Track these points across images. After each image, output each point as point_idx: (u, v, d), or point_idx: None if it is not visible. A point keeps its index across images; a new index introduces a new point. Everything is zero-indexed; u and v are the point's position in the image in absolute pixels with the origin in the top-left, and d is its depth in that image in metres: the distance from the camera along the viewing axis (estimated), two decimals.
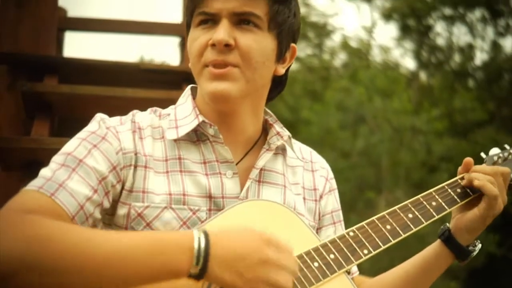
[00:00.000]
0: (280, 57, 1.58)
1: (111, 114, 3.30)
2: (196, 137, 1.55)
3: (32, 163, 2.95)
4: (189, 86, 1.64)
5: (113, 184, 1.44)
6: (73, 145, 1.45)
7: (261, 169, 1.57)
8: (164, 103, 3.31)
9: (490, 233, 11.89)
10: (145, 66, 3.61)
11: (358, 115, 14.23)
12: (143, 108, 3.26)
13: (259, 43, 1.50)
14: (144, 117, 1.56)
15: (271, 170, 1.59)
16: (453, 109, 14.97)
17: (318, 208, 1.67)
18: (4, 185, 3.20)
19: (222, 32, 1.46)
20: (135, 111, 1.59)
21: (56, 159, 1.43)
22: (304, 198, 1.64)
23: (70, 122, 3.61)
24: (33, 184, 1.37)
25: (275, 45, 1.54)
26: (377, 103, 14.29)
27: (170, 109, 1.61)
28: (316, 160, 1.73)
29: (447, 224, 1.69)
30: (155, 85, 3.54)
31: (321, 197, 1.68)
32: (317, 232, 1.67)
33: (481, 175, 1.66)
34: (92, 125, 1.50)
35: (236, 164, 1.55)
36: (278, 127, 1.61)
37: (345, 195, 13.29)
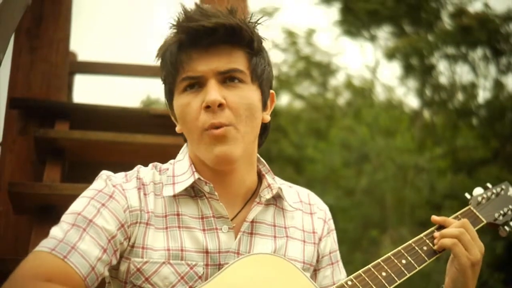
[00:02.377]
0: (264, 105, 1.62)
1: (121, 159, 3.38)
2: (194, 192, 1.58)
3: (44, 208, 3.00)
4: (186, 143, 1.67)
5: (121, 241, 1.48)
6: (82, 205, 1.48)
7: (252, 221, 1.60)
8: (173, 149, 3.38)
9: (495, 272, 11.83)
10: (154, 112, 3.66)
11: (362, 153, 14.25)
12: (152, 153, 3.35)
13: (246, 98, 1.54)
14: (147, 173, 1.60)
15: (261, 222, 1.62)
16: (456, 147, 14.98)
17: (317, 250, 1.70)
18: (16, 228, 3.25)
19: (214, 93, 1.49)
20: (139, 166, 1.62)
21: (66, 218, 1.46)
22: (303, 241, 1.67)
23: (80, 167, 3.68)
24: (45, 246, 1.40)
25: (259, 95, 1.58)
26: (380, 142, 14.31)
27: (169, 164, 1.65)
28: (314, 202, 1.76)
29: (443, 285, 1.72)
30: (164, 129, 3.60)
31: (320, 239, 1.71)
32: (315, 273, 1.71)
33: (444, 233, 1.70)
34: (99, 183, 1.54)
35: (233, 218, 1.59)
36: (269, 178, 1.64)
37: (349, 233, 13.26)
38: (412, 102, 18.29)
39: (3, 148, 3.42)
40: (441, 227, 1.75)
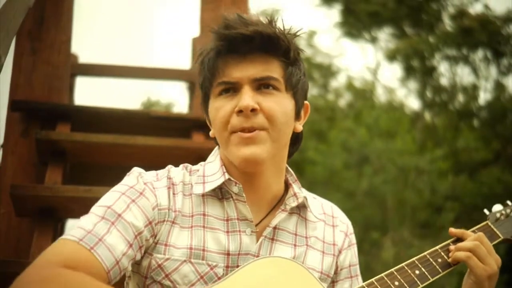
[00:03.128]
0: (297, 115, 1.66)
1: (122, 161, 3.39)
2: (221, 194, 1.61)
3: (45, 210, 3.00)
4: (217, 146, 1.69)
5: (147, 238, 1.51)
6: (112, 199, 1.51)
7: (274, 227, 1.62)
8: (174, 151, 3.41)
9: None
10: (155, 114, 3.67)
11: (363, 155, 14.25)
12: (153, 155, 3.35)
13: (280, 104, 1.57)
14: (178, 173, 1.63)
15: (284, 229, 1.64)
16: (457, 148, 14.99)
17: (336, 262, 1.72)
18: (18, 230, 3.25)
19: (247, 98, 1.53)
20: (170, 166, 1.65)
21: (96, 210, 1.48)
22: (322, 252, 1.69)
23: (82, 169, 3.69)
24: (74, 235, 1.41)
25: (293, 104, 1.62)
26: (381, 144, 14.32)
27: (200, 165, 1.68)
28: (337, 215, 1.79)
29: None
30: (165, 132, 3.61)
31: (340, 252, 1.73)
32: (332, 285, 1.73)
33: (459, 246, 1.73)
34: (131, 179, 1.57)
35: (258, 223, 1.61)
36: (296, 187, 1.67)
37: None
38: (413, 103, 18.31)
39: (5, 150, 3.43)
40: (457, 240, 1.76)
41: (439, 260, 1.71)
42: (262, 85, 1.57)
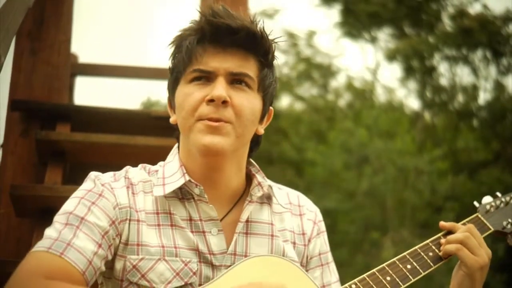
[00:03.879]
0: (262, 117, 1.66)
1: (122, 161, 3.37)
2: (181, 194, 1.60)
3: (45, 210, 3.00)
4: (176, 144, 1.69)
5: (114, 237, 1.51)
6: (72, 204, 1.51)
7: (246, 221, 1.62)
8: None
9: (497, 273, 11.83)
10: (155, 114, 3.67)
11: (362, 155, 14.26)
12: (153, 156, 3.34)
13: (250, 102, 1.58)
14: (136, 173, 1.63)
15: (257, 221, 1.64)
16: (457, 149, 14.99)
17: (307, 251, 1.72)
18: (17, 231, 3.26)
19: (221, 89, 1.53)
20: (128, 167, 1.65)
21: (59, 219, 1.49)
22: (294, 243, 1.69)
23: (81, 169, 3.68)
24: (41, 245, 1.43)
25: (261, 105, 1.63)
26: (380, 144, 14.32)
27: (159, 166, 1.67)
28: (303, 204, 1.78)
29: None
30: (165, 132, 3.60)
31: (309, 240, 1.73)
32: None
33: (449, 239, 1.73)
34: (88, 184, 1.57)
35: (222, 219, 1.61)
36: (260, 177, 1.67)
37: (350, 235, 13.26)
38: (413, 103, 18.30)
39: (5, 151, 3.43)
40: (448, 233, 1.76)
41: (430, 254, 1.71)
42: (236, 80, 1.57)
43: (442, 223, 1.78)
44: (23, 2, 2.39)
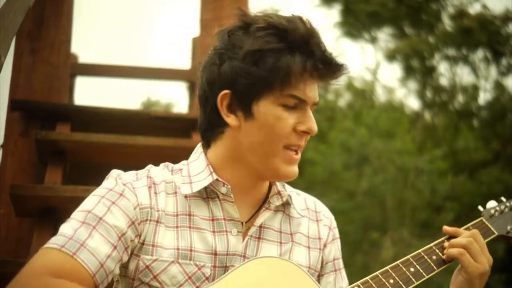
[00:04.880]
0: None
1: (122, 161, 3.39)
2: (206, 194, 1.59)
3: (45, 210, 3.01)
4: (200, 144, 1.67)
5: (132, 238, 1.50)
6: (92, 203, 1.50)
7: (260, 226, 1.62)
8: (174, 151, 3.42)
9: (496, 273, 11.84)
10: (155, 114, 3.67)
11: (362, 155, 14.26)
12: (153, 155, 3.36)
13: None
14: (158, 172, 1.61)
15: (269, 227, 1.64)
16: (457, 148, 15.00)
17: (322, 256, 1.72)
18: (18, 230, 3.26)
19: (315, 123, 1.57)
20: (150, 166, 1.64)
21: (77, 216, 1.48)
22: (308, 247, 1.69)
23: (82, 169, 3.69)
24: (55, 242, 1.41)
25: None
26: (380, 144, 14.33)
27: (182, 164, 1.66)
28: (320, 210, 1.78)
29: None
30: (165, 132, 3.61)
31: (325, 246, 1.74)
32: (318, 279, 1.73)
33: (452, 243, 1.72)
34: (109, 182, 1.56)
35: (247, 221, 1.62)
36: (279, 185, 1.67)
37: (350, 235, 13.25)
38: (413, 103, 18.31)
39: (5, 150, 3.43)
40: (451, 237, 1.76)
41: (434, 257, 1.71)
42: (312, 108, 1.60)
43: (445, 227, 1.78)
44: (23, 2, 2.39)
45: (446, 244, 1.73)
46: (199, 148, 1.67)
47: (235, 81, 1.54)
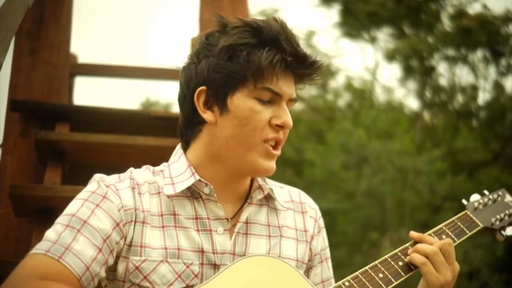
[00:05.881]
0: None
1: (122, 161, 3.39)
2: (190, 193, 1.60)
3: (44, 210, 3.00)
4: (179, 145, 1.68)
5: (117, 241, 1.51)
6: (76, 206, 1.51)
7: (246, 222, 1.64)
8: (173, 151, 3.40)
9: (496, 273, 11.85)
10: (154, 114, 3.67)
11: (361, 155, 14.27)
12: (153, 156, 3.35)
13: None
14: (141, 174, 1.62)
15: (255, 222, 1.66)
16: (456, 149, 15.00)
17: (310, 248, 1.74)
18: (17, 230, 3.26)
19: (289, 117, 1.59)
20: (131, 168, 1.65)
21: (61, 220, 1.49)
22: (296, 240, 1.71)
23: (81, 169, 3.69)
24: (40, 248, 1.43)
25: None
26: (379, 144, 14.34)
27: (163, 166, 1.67)
28: (305, 201, 1.80)
29: None
30: (164, 132, 3.61)
31: (312, 238, 1.75)
32: (307, 271, 1.75)
33: (419, 248, 1.69)
34: (92, 185, 1.57)
35: (232, 217, 1.63)
36: (260, 180, 1.68)
37: (350, 236, 13.27)
38: (412, 103, 18.32)
39: (4, 150, 3.43)
40: (417, 243, 1.73)
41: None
42: (288, 104, 1.62)
43: (412, 233, 1.75)
44: (23, 2, 2.39)
45: (410, 250, 1.71)
46: (178, 150, 1.68)
47: (210, 77, 1.58)
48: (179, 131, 1.68)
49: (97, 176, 1.60)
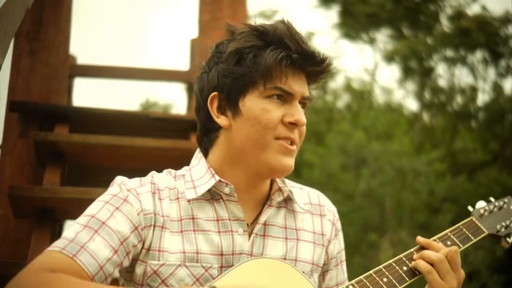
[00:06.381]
0: None
1: (121, 163, 3.38)
2: (210, 195, 1.62)
3: (43, 211, 3.00)
4: (198, 149, 1.70)
5: (134, 244, 1.52)
6: (96, 208, 1.53)
7: (264, 224, 1.65)
8: (173, 152, 3.41)
9: (495, 274, 11.85)
10: (153, 115, 3.66)
11: (360, 157, 14.27)
12: (152, 157, 3.35)
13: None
14: (162, 179, 1.64)
15: (273, 224, 1.67)
16: (456, 150, 15.01)
17: (326, 252, 1.75)
18: (16, 232, 3.25)
19: (303, 115, 1.60)
20: (153, 172, 1.66)
21: (80, 220, 1.51)
22: (314, 243, 1.72)
23: (80, 170, 3.69)
24: (56, 245, 1.44)
25: None
26: (378, 146, 14.34)
27: (184, 170, 1.69)
28: (323, 204, 1.81)
29: None
30: (163, 133, 3.61)
31: (329, 242, 1.76)
32: (323, 275, 1.76)
33: (425, 255, 1.69)
34: (114, 188, 1.58)
35: (253, 221, 1.64)
36: (280, 182, 1.69)
37: (349, 237, 13.24)
38: (411, 105, 18.34)
39: (3, 152, 3.42)
40: (423, 248, 1.73)
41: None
42: (302, 103, 1.63)
43: (419, 238, 1.75)
44: (22, 3, 2.39)
45: (415, 256, 1.71)
46: (198, 154, 1.70)
47: (221, 82, 1.61)
48: (197, 139, 1.71)
49: (118, 179, 1.61)
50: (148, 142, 3.36)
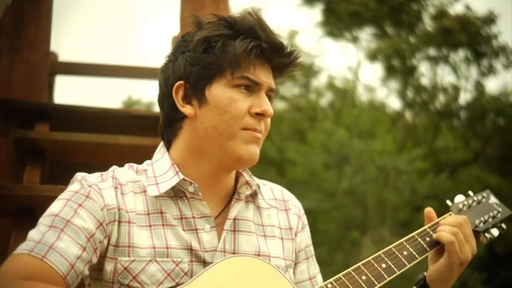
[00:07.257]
0: None
1: (103, 161, 3.36)
2: (174, 193, 1.59)
3: (23, 210, 2.98)
4: (161, 143, 1.67)
5: (101, 240, 1.49)
6: (59, 206, 1.50)
7: (234, 219, 1.63)
8: (155, 150, 3.37)
9: (475, 271, 11.93)
10: (135, 113, 3.65)
11: (343, 155, 14.32)
12: (133, 155, 3.32)
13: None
14: (124, 173, 1.61)
15: (244, 218, 1.65)
16: (437, 148, 15.10)
17: (294, 246, 1.73)
18: None
19: (269, 105, 1.59)
20: (114, 167, 1.63)
21: (44, 220, 1.47)
22: (281, 238, 1.70)
23: (61, 168, 3.66)
24: (24, 248, 1.41)
25: None
26: (360, 144, 14.40)
27: (146, 165, 1.65)
28: (287, 198, 1.79)
29: (425, 273, 1.74)
30: (146, 131, 3.58)
31: (296, 235, 1.74)
32: (293, 269, 1.74)
33: (446, 227, 1.72)
34: (74, 185, 1.56)
35: (217, 216, 1.61)
36: (247, 175, 1.67)
37: (331, 235, 13.31)
38: (394, 103, 18.42)
39: None
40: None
41: (405, 252, 1.70)
42: (268, 95, 1.62)
43: (428, 209, 1.80)
44: (2, 1, 2.37)
45: (439, 228, 1.73)
46: (161, 148, 1.67)
47: (187, 71, 1.59)
48: (160, 131, 1.67)
49: (79, 176, 1.58)
50: (130, 140, 3.34)
